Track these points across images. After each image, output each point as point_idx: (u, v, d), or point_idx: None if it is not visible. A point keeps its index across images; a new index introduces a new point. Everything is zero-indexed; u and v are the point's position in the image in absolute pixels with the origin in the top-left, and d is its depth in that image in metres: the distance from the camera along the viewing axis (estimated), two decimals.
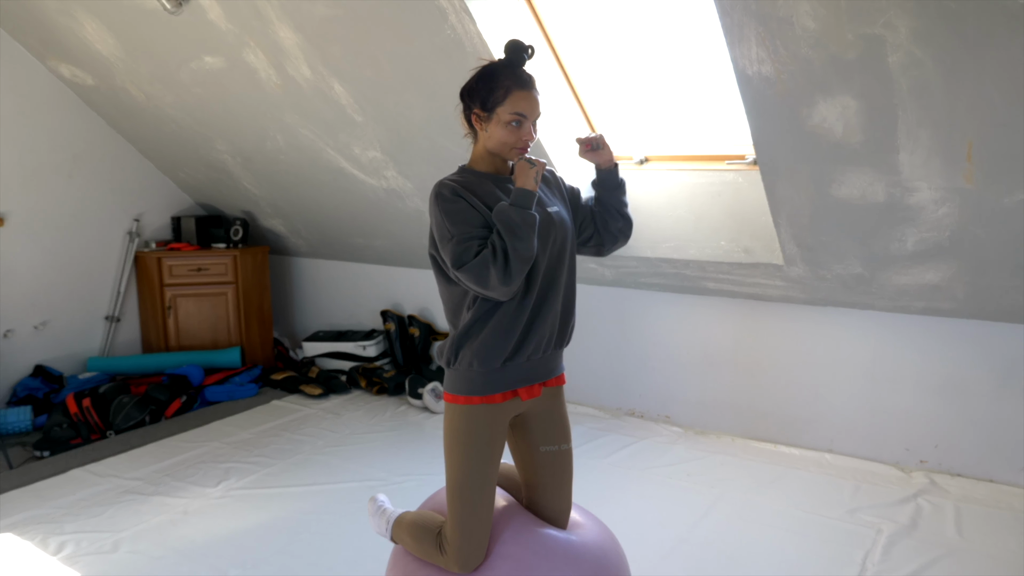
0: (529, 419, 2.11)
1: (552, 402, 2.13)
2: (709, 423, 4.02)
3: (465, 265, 1.86)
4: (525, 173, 1.93)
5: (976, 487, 3.28)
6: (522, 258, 1.85)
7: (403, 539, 2.19)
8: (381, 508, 2.37)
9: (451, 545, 1.99)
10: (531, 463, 2.13)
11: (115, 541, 2.98)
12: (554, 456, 2.12)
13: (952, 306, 3.23)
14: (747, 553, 2.82)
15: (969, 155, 2.51)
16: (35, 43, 4.38)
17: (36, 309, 4.69)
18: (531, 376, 2.04)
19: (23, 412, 4.18)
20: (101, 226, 4.99)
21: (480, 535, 1.98)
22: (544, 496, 2.13)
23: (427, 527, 2.11)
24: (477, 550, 1.98)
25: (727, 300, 3.87)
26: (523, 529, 2.05)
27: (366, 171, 4.22)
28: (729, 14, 2.40)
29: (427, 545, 2.07)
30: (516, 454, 2.18)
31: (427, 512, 2.21)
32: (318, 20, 3.27)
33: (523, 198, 1.90)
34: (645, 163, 3.66)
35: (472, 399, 1.99)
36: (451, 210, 1.90)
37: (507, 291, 1.87)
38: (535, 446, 2.11)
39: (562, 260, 2.04)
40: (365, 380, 4.83)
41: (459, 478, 1.99)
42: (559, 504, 2.14)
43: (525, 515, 2.11)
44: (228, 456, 3.81)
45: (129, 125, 4.89)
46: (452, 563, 1.99)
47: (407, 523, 2.20)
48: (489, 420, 2.00)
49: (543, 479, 2.12)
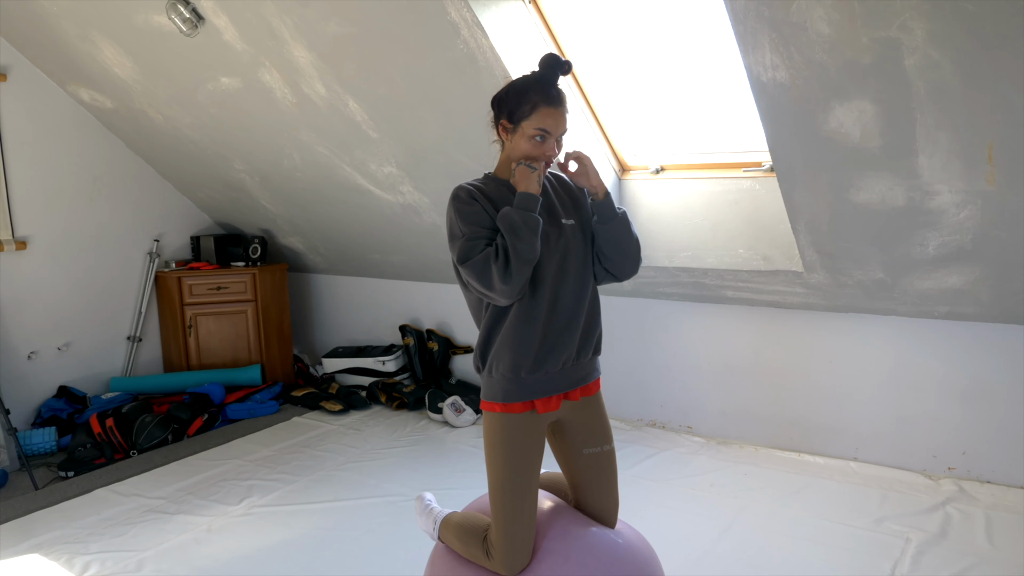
0: (567, 424, 2.13)
1: (589, 410, 2.14)
2: (731, 433, 3.98)
3: (468, 261, 1.91)
4: (526, 178, 1.95)
5: (1006, 494, 3.22)
6: (522, 259, 1.87)
7: (450, 540, 2.21)
8: (428, 507, 2.38)
9: (496, 550, 2.01)
10: (575, 465, 2.16)
11: (139, 560, 2.99)
12: (597, 457, 2.14)
13: (976, 310, 3.18)
14: (773, 565, 2.78)
15: (990, 157, 2.48)
16: (55, 69, 4.45)
17: (59, 331, 4.74)
18: (550, 388, 2.04)
19: (47, 433, 4.23)
20: (122, 247, 5.04)
21: (524, 539, 2.00)
22: (590, 496, 2.15)
23: (473, 531, 2.13)
24: (522, 554, 2.00)
25: (747, 308, 3.84)
26: (570, 526, 2.08)
27: (382, 187, 4.24)
28: (742, 21, 2.40)
29: (473, 548, 2.09)
30: (559, 457, 2.20)
31: (474, 514, 2.22)
32: (331, 38, 3.30)
33: (525, 201, 1.92)
34: (661, 172, 3.65)
35: (495, 407, 2.03)
36: (464, 211, 1.95)
37: (508, 291, 1.89)
38: (577, 449, 2.14)
39: (568, 270, 2.03)
40: (385, 395, 4.83)
41: (499, 484, 2.02)
42: (606, 503, 2.16)
43: (572, 514, 2.14)
44: (250, 473, 3.82)
45: (148, 147, 4.95)
46: (499, 567, 2.01)
47: (454, 524, 2.21)
48: (522, 427, 2.02)
49: (588, 480, 2.15)
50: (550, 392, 2.04)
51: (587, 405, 2.13)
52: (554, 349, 2.02)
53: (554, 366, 2.03)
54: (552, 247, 2.00)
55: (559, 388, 2.06)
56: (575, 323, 2.05)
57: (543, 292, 1.98)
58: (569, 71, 1.99)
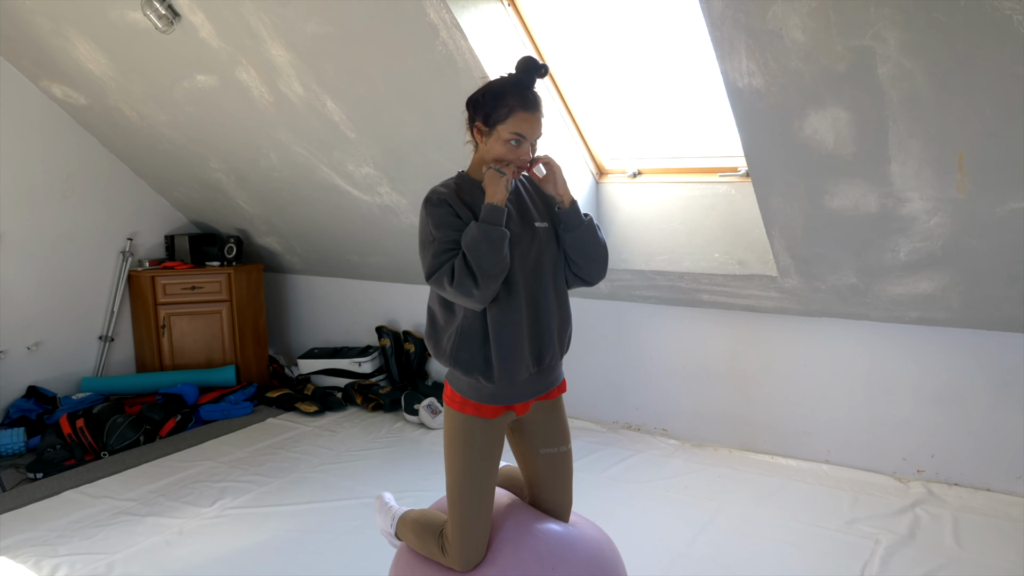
0: (527, 424, 2.14)
1: (550, 412, 2.15)
2: (706, 435, 4.01)
3: (435, 277, 1.92)
4: (495, 183, 1.93)
5: (974, 496, 3.28)
6: (487, 274, 1.87)
7: (407, 536, 2.23)
8: (387, 505, 2.43)
9: (452, 545, 2.03)
10: (532, 464, 2.18)
11: (109, 563, 2.95)
12: (554, 457, 2.17)
13: (947, 316, 3.23)
14: (746, 566, 2.81)
15: (960, 165, 2.52)
16: (28, 64, 4.38)
17: (29, 330, 4.67)
18: (529, 392, 2.06)
19: (16, 434, 4.15)
20: (95, 246, 4.98)
21: (479, 535, 2.02)
22: (546, 492, 2.19)
23: (430, 526, 2.16)
24: (477, 550, 2.02)
25: (722, 312, 3.87)
26: (524, 519, 2.12)
27: (360, 188, 4.23)
28: (719, 27, 2.42)
29: (429, 543, 2.12)
30: (517, 455, 2.23)
31: (431, 511, 2.26)
32: (310, 38, 3.28)
33: (491, 215, 1.91)
34: (638, 176, 3.67)
35: (466, 408, 2.03)
36: (436, 214, 1.95)
37: (476, 302, 1.91)
38: (535, 449, 2.16)
39: (543, 273, 2.04)
40: (361, 397, 4.81)
41: (457, 481, 2.03)
42: (561, 500, 2.19)
43: (527, 509, 2.18)
44: (223, 475, 3.78)
45: (122, 144, 4.89)
46: (453, 562, 2.03)
47: (411, 521, 2.24)
48: (486, 428, 2.03)
49: (544, 478, 2.18)
50: (529, 396, 2.06)
51: (549, 407, 2.15)
52: (533, 353, 2.02)
53: (533, 368, 2.04)
54: (525, 251, 2.00)
55: (538, 391, 2.08)
56: (552, 326, 2.05)
57: (519, 296, 1.98)
58: (546, 75, 1.99)
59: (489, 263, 1.87)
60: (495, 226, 1.90)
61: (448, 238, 1.93)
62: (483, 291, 1.88)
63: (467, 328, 1.98)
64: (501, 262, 1.89)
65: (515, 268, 1.97)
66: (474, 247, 1.88)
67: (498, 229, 1.90)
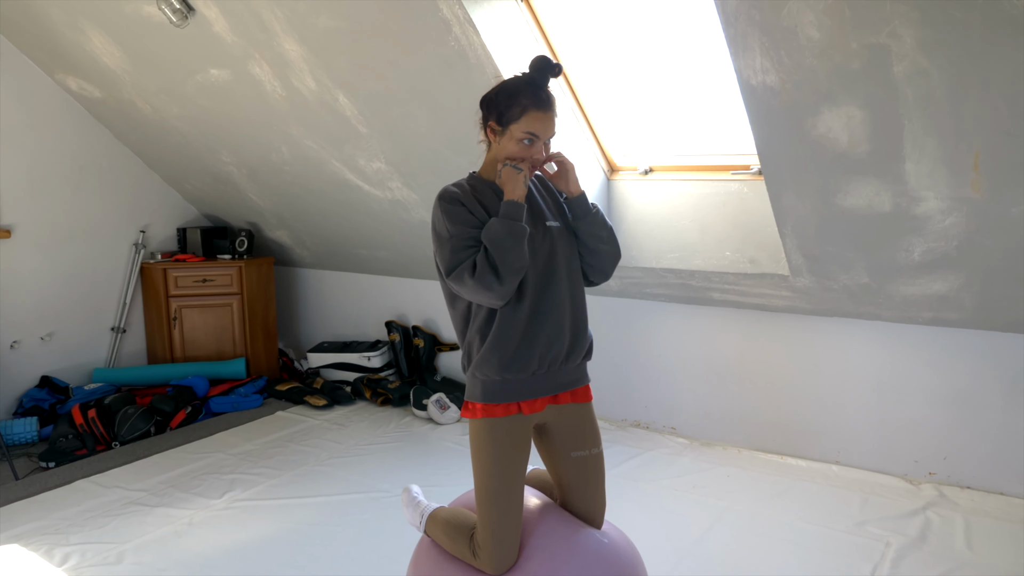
0: (553, 428, 2.12)
1: (579, 417, 2.13)
2: (715, 434, 4.00)
3: (455, 273, 1.91)
4: (513, 180, 1.94)
5: (986, 500, 3.25)
6: (511, 269, 1.88)
7: (437, 535, 2.20)
8: (415, 500, 2.38)
9: (483, 550, 2.01)
10: (562, 467, 2.15)
11: (119, 552, 2.97)
12: (585, 460, 2.13)
13: (960, 316, 3.21)
14: (754, 566, 2.79)
15: (976, 164, 2.50)
16: (43, 56, 4.41)
17: (42, 320, 4.70)
18: (536, 390, 2.04)
19: (29, 423, 4.19)
20: (107, 238, 5.01)
21: (511, 539, 2.00)
22: (577, 497, 2.15)
23: (461, 528, 2.12)
24: (509, 553, 2.00)
25: (733, 310, 3.85)
26: (556, 526, 2.08)
27: (371, 182, 4.23)
28: (733, 24, 2.40)
29: (460, 546, 2.09)
30: (545, 458, 2.20)
31: (461, 510, 2.21)
32: (322, 32, 3.29)
33: (511, 210, 1.92)
34: (649, 173, 3.66)
35: (476, 408, 2.03)
36: (451, 211, 1.95)
37: (497, 297, 1.90)
38: (565, 452, 2.13)
39: (555, 272, 2.04)
40: (370, 391, 4.82)
41: (485, 486, 2.01)
42: (593, 505, 2.15)
43: (559, 513, 2.14)
44: (233, 467, 3.80)
45: (135, 137, 4.91)
46: (485, 566, 2.01)
47: (442, 520, 2.21)
48: (507, 430, 2.02)
49: (575, 481, 2.14)
50: (536, 395, 2.04)
51: (577, 412, 2.13)
52: (539, 350, 2.01)
53: (540, 368, 2.03)
54: (537, 249, 2.00)
55: (545, 391, 2.06)
56: (562, 325, 2.04)
57: (528, 294, 1.98)
58: (560, 74, 1.99)
59: (512, 258, 1.88)
60: (516, 221, 1.91)
61: (466, 235, 1.93)
62: (505, 286, 1.88)
63: (478, 325, 2.00)
64: (523, 257, 1.90)
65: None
66: (498, 242, 1.88)
67: (519, 224, 1.91)
